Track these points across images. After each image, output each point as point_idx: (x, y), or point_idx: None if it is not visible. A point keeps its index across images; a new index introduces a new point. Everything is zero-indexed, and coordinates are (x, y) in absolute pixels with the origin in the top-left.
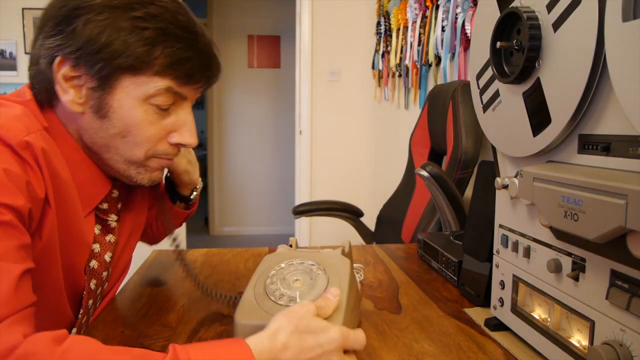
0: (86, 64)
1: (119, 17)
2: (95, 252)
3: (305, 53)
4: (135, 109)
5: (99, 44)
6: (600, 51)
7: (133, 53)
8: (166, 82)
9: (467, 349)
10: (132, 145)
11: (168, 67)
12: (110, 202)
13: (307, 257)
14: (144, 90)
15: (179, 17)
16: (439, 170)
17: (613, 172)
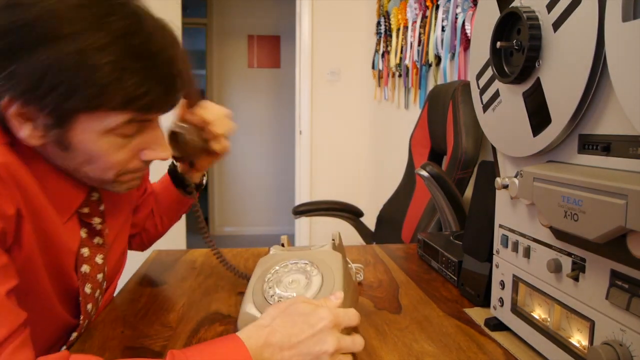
0: (35, 105)
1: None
2: (85, 257)
3: (305, 53)
4: (98, 141)
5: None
6: (600, 51)
7: (83, 95)
8: (126, 116)
9: (467, 349)
10: (102, 170)
11: (126, 103)
12: (91, 205)
13: (300, 256)
14: (104, 124)
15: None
16: (439, 170)
17: (613, 172)
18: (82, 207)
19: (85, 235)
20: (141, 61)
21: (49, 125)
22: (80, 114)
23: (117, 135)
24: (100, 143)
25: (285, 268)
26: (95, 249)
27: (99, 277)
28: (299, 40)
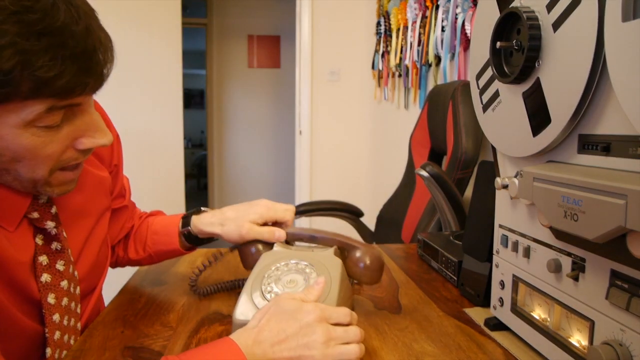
0: None
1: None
2: (44, 265)
3: (305, 53)
4: (20, 136)
5: None
6: (600, 51)
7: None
8: (44, 105)
9: (467, 349)
10: (32, 166)
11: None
12: (41, 209)
13: (302, 257)
14: (20, 117)
15: (29, 16)
16: (439, 170)
17: (613, 172)
18: (30, 212)
19: (42, 242)
20: (44, 39)
21: None
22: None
23: (41, 128)
24: (23, 138)
25: (286, 266)
26: (54, 255)
27: (63, 285)
28: (299, 40)
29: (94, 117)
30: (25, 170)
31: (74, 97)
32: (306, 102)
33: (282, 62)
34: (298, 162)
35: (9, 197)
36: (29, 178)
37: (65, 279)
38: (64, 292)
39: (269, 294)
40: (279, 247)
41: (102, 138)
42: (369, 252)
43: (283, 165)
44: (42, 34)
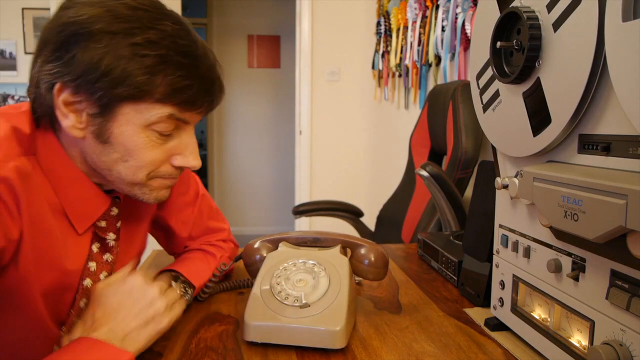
0: (86, 91)
1: (118, 44)
2: (91, 271)
3: (305, 53)
4: (137, 135)
5: (98, 72)
6: (600, 51)
7: (133, 82)
8: (168, 110)
9: (467, 349)
10: (134, 169)
11: (169, 95)
12: (109, 220)
13: (309, 256)
14: (145, 117)
15: (179, 41)
16: (439, 170)
17: (613, 172)
18: (99, 220)
19: (97, 250)
20: (187, 59)
21: (94, 114)
22: (125, 103)
23: (155, 132)
24: (139, 137)
25: (294, 266)
26: (103, 265)
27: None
28: (299, 40)
29: (193, 141)
30: (127, 172)
31: (192, 111)
32: (306, 102)
33: (282, 62)
34: (298, 162)
35: (90, 200)
36: (129, 181)
37: None
38: None
39: (279, 294)
40: (284, 247)
41: (194, 160)
42: (374, 249)
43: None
44: (186, 54)
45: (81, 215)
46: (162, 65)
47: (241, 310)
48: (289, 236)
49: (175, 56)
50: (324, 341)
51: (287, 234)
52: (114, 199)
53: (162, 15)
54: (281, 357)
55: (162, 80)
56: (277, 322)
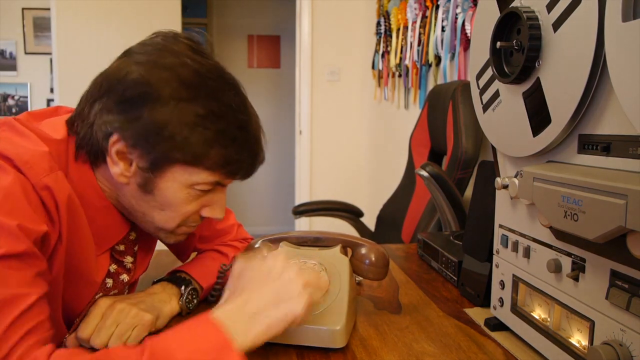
0: (143, 148)
1: (184, 111)
2: (107, 287)
3: (305, 53)
4: (180, 191)
5: (161, 136)
6: (600, 51)
7: (191, 150)
8: (215, 177)
9: (467, 349)
10: (169, 218)
11: (219, 166)
12: (127, 244)
13: (309, 256)
14: (193, 179)
15: (239, 115)
16: (439, 170)
17: (613, 172)
18: (118, 244)
19: (114, 270)
20: (242, 133)
21: (144, 168)
22: (178, 165)
23: (196, 190)
24: (181, 194)
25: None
26: (118, 284)
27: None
28: (299, 40)
29: (224, 195)
30: (160, 219)
31: (235, 179)
32: (306, 102)
33: (282, 62)
34: (298, 162)
35: (112, 226)
36: (159, 227)
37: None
38: None
39: None
40: (284, 247)
41: (220, 214)
42: (374, 249)
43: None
44: (243, 129)
45: (101, 238)
46: (220, 139)
47: None
48: (290, 236)
49: (232, 131)
50: (324, 340)
51: (287, 233)
52: (134, 225)
53: (226, 86)
54: (281, 357)
55: (216, 152)
56: None
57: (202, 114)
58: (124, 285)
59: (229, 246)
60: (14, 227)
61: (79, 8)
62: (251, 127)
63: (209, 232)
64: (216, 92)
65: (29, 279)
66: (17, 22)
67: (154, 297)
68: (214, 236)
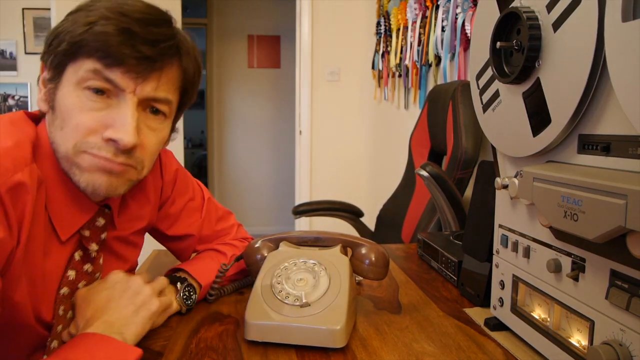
0: (47, 59)
1: (77, 15)
2: (69, 279)
3: (305, 53)
4: (70, 94)
5: (52, 36)
6: (600, 51)
7: (70, 38)
8: (93, 64)
9: (467, 349)
10: (65, 134)
11: (94, 49)
12: (93, 229)
13: (309, 256)
14: (78, 75)
15: (125, 7)
16: (439, 170)
17: (613, 172)
18: (83, 229)
19: (79, 258)
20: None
21: (49, 80)
22: (69, 65)
23: (86, 91)
24: (72, 97)
25: (294, 265)
26: (82, 275)
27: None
28: (299, 40)
29: (129, 113)
30: (60, 142)
31: (117, 68)
32: (306, 102)
33: (282, 62)
34: (298, 162)
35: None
36: (62, 154)
37: None
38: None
39: (280, 294)
40: (284, 247)
41: (123, 135)
42: (374, 248)
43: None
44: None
45: (65, 221)
46: (97, 21)
47: (241, 310)
48: (290, 236)
49: (111, 14)
50: (324, 340)
51: (287, 233)
52: (102, 209)
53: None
54: (281, 357)
55: (91, 32)
56: (277, 321)
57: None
58: (91, 276)
59: (228, 245)
60: None
61: None
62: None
63: (209, 232)
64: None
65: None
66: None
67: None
68: (214, 237)
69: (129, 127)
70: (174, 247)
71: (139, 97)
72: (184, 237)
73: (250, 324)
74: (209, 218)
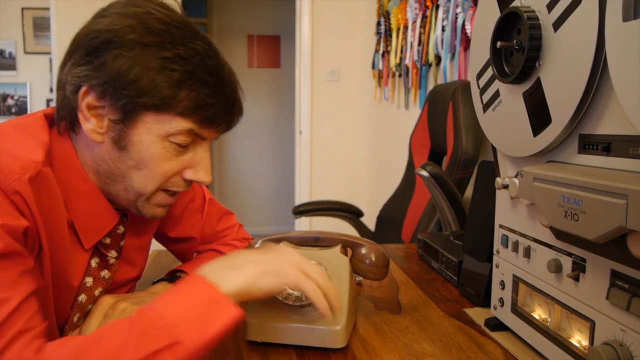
0: (111, 97)
1: (149, 55)
2: (87, 286)
3: (305, 53)
4: (155, 144)
5: (127, 80)
6: (600, 51)
7: (159, 93)
8: (188, 124)
9: (467, 349)
10: (147, 178)
11: (191, 110)
12: (114, 237)
13: (309, 256)
14: (166, 128)
15: (208, 60)
16: (439, 170)
17: (613, 172)
18: (104, 237)
19: (96, 265)
20: (212, 77)
21: (115, 120)
22: (148, 113)
23: (172, 144)
24: (156, 147)
25: None
26: (99, 281)
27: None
28: (299, 40)
29: (208, 155)
30: (138, 181)
31: (211, 129)
32: (306, 102)
33: (282, 62)
34: (298, 162)
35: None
36: (138, 190)
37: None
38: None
39: (280, 294)
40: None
41: (205, 176)
42: (374, 248)
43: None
44: (212, 73)
45: (89, 230)
46: (189, 81)
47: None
48: (290, 236)
49: (202, 73)
50: (324, 340)
51: (288, 233)
52: (122, 217)
53: (193, 35)
54: (281, 357)
55: (186, 95)
56: (277, 321)
57: (168, 57)
58: (107, 282)
59: (228, 245)
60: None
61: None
62: (224, 73)
63: (210, 232)
64: (183, 39)
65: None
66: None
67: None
68: (215, 237)
69: (208, 169)
70: (176, 248)
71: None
72: (186, 239)
73: (250, 324)
74: (210, 219)
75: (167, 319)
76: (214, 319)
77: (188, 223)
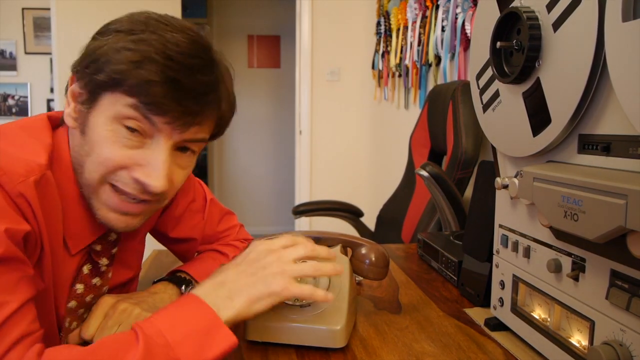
0: (80, 78)
1: (118, 38)
2: (77, 293)
3: (305, 53)
4: (105, 126)
5: (90, 59)
6: (600, 51)
7: (110, 69)
8: (133, 103)
9: (467, 349)
10: (93, 164)
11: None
12: (104, 244)
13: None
14: (116, 108)
15: (172, 47)
16: (439, 170)
17: (613, 172)
18: (95, 244)
19: (88, 271)
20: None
21: (82, 101)
22: (105, 94)
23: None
24: (106, 129)
25: None
26: (90, 289)
27: (80, 312)
28: (299, 40)
29: (163, 159)
30: (87, 168)
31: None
32: (306, 102)
33: (282, 62)
34: (298, 162)
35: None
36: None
37: (84, 308)
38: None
39: None
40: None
41: (154, 180)
42: (374, 248)
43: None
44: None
45: (77, 235)
46: (142, 61)
47: None
48: None
49: (158, 56)
50: (324, 340)
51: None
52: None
53: (173, 28)
54: (281, 357)
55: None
56: (277, 321)
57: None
58: (99, 289)
59: (229, 245)
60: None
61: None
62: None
63: (211, 233)
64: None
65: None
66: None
67: (156, 297)
68: (215, 237)
69: (160, 172)
70: (177, 249)
71: (174, 141)
72: (187, 240)
73: (250, 324)
74: (211, 219)
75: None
76: (212, 344)
77: (189, 224)
